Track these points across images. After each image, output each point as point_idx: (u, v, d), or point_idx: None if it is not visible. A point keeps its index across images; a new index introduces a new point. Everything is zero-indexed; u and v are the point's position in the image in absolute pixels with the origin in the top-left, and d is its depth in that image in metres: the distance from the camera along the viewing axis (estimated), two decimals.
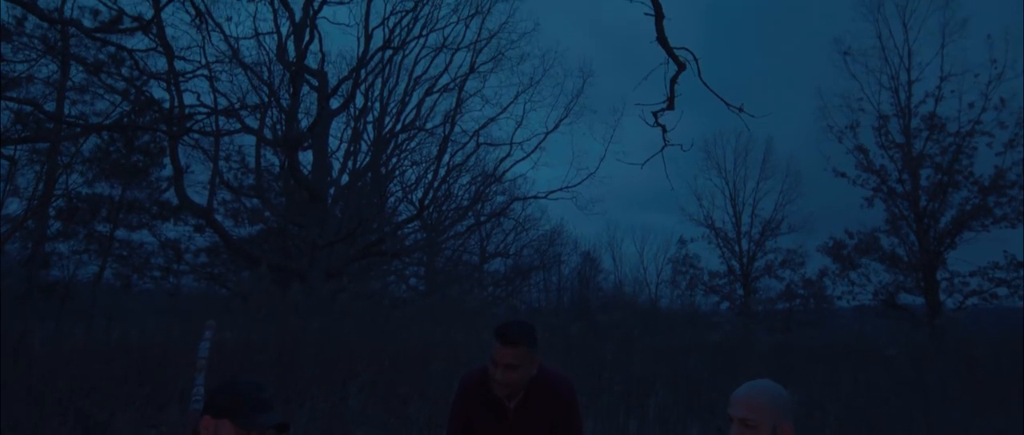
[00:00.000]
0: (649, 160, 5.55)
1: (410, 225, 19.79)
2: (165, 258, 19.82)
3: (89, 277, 18.89)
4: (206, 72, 12.63)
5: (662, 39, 4.87)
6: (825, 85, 25.75)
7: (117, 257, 19.43)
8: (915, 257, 17.49)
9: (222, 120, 14.05)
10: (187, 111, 12.97)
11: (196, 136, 14.31)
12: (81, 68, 15.57)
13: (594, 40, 45.38)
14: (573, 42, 51.57)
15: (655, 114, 5.27)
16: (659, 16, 4.78)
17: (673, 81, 5.09)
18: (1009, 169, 16.40)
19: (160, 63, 12.89)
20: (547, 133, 18.40)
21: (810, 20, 43.56)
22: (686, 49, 4.96)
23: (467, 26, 18.14)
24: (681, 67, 5.01)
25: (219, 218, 17.09)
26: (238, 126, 14.34)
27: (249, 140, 17.47)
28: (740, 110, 5.06)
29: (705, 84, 5.03)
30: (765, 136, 25.12)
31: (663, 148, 5.41)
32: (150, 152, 19.07)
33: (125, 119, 15.41)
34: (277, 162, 18.53)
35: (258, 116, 15.11)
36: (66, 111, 16.38)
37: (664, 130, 5.36)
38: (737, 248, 23.85)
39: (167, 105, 13.04)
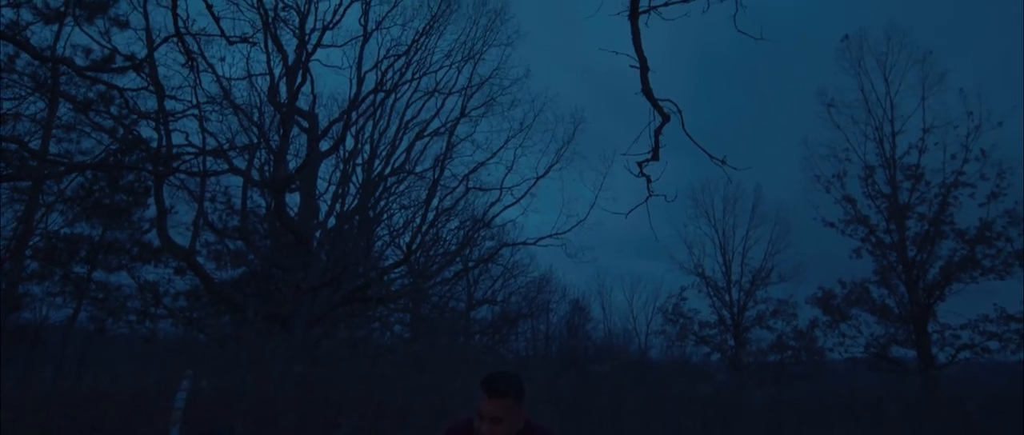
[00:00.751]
0: (633, 211, 5.56)
1: (396, 270, 19.52)
2: (143, 301, 19.31)
3: (62, 320, 18.32)
4: (196, 112, 12.58)
5: (647, 91, 4.92)
6: (811, 135, 26.24)
7: (93, 300, 18.91)
8: (905, 309, 17.46)
9: (209, 160, 13.94)
10: (175, 151, 12.87)
11: (182, 176, 14.17)
12: (69, 106, 15.50)
13: (585, 85, 46.25)
14: (564, 88, 52.69)
15: (640, 165, 5.27)
16: (644, 68, 4.84)
17: (657, 132, 5.12)
18: (994, 220, 16.60)
19: (150, 102, 12.87)
20: (537, 179, 18.36)
21: (796, 70, 44.92)
22: (670, 100, 5.02)
23: (459, 71, 18.38)
24: (665, 118, 5.05)
25: (201, 260, 16.76)
26: (225, 167, 14.22)
27: (236, 181, 17.35)
28: (723, 162, 5.09)
29: (689, 136, 5.07)
30: (754, 184, 25.34)
31: (647, 198, 5.41)
32: (134, 192, 18.85)
33: (111, 158, 15.27)
34: (263, 204, 18.35)
35: (246, 157, 15.02)
36: (51, 149, 16.23)
37: (648, 180, 5.36)
38: (727, 297, 23.74)
39: (155, 144, 12.94)
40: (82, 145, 17.14)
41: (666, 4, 4.69)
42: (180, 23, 8.95)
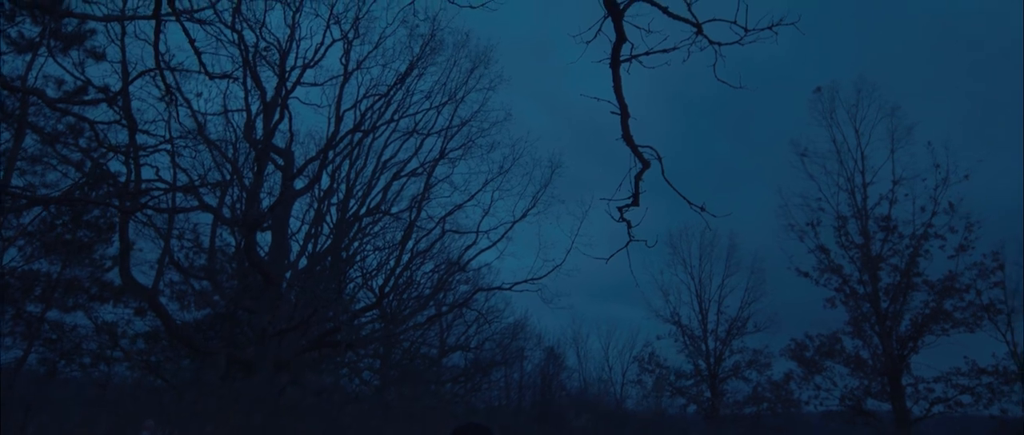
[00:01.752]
0: (613, 256, 5.51)
1: (368, 314, 19.01)
2: (99, 343, 18.36)
3: (10, 362, 17.27)
4: (169, 147, 12.28)
5: (627, 138, 4.93)
6: (786, 183, 26.71)
7: (45, 340, 17.92)
8: (879, 361, 17.47)
9: (179, 197, 13.55)
10: (144, 186, 12.49)
11: (149, 212, 13.73)
12: (36, 137, 15.05)
13: (566, 129, 46.82)
14: (544, 131, 53.45)
15: (620, 210, 5.25)
16: (624, 115, 4.86)
17: (638, 179, 5.13)
18: (961, 273, 16.86)
19: (121, 136, 12.55)
20: (514, 222, 18.30)
21: (773, 118, 46.35)
22: (650, 147, 5.06)
23: (439, 113, 18.44)
24: (646, 165, 5.07)
25: (164, 301, 16.11)
26: (195, 203, 13.84)
27: (205, 218, 16.89)
28: (702, 209, 5.10)
29: (668, 182, 5.08)
30: (729, 230, 25.48)
31: (627, 244, 5.38)
32: (98, 228, 18.20)
33: (77, 192, 14.77)
34: (233, 242, 17.86)
35: (218, 194, 14.65)
36: (14, 182, 15.65)
37: (629, 226, 5.33)
38: (704, 347, 23.54)
39: (124, 179, 12.56)
40: (47, 178, 16.60)
41: (647, 53, 4.74)
42: (161, 58, 8.81)
